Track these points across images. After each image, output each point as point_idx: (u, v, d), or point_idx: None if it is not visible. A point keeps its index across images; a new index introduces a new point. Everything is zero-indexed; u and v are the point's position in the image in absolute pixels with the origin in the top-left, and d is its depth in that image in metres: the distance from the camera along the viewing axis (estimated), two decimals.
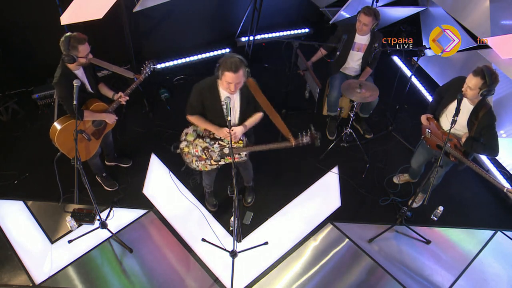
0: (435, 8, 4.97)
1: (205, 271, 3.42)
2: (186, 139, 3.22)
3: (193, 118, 3.11)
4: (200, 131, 3.19)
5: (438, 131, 3.34)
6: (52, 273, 3.33)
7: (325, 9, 5.55)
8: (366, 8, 3.95)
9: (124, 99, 3.44)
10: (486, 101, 3.08)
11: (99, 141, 3.56)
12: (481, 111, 3.05)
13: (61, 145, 3.32)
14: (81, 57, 3.08)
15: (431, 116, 3.39)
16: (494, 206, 4.11)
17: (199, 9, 5.19)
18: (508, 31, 3.76)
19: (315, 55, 4.42)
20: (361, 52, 4.18)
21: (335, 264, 3.54)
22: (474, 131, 3.11)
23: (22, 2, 4.18)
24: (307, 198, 4.01)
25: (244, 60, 2.79)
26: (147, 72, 3.53)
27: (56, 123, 3.31)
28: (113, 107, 3.44)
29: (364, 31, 4.01)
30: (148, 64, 3.52)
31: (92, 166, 3.80)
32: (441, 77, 5.01)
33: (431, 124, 3.38)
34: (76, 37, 3.03)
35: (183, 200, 3.91)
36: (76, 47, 3.03)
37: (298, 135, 3.05)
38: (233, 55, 2.79)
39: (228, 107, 2.66)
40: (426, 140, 3.53)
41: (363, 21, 3.93)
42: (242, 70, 2.75)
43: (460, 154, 3.22)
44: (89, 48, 3.11)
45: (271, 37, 5.80)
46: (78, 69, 3.21)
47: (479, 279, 3.54)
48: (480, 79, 2.90)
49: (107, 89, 3.52)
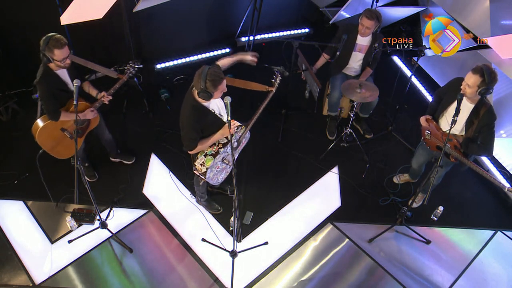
0: (435, 8, 4.97)
1: (205, 271, 3.42)
2: (207, 167, 3.07)
3: (197, 148, 2.97)
4: (210, 152, 3.08)
5: (437, 132, 3.34)
6: (52, 273, 3.34)
7: (325, 9, 5.55)
8: (368, 11, 3.92)
9: (107, 98, 3.42)
10: (486, 100, 3.09)
11: (82, 138, 3.56)
12: (482, 109, 3.06)
13: (42, 142, 3.33)
14: (56, 61, 3.03)
15: (430, 117, 3.39)
16: (494, 206, 4.11)
17: (199, 9, 5.19)
18: (508, 31, 3.76)
19: (319, 61, 4.35)
20: (362, 53, 4.18)
21: (335, 264, 3.54)
22: (473, 130, 3.11)
23: (22, 2, 4.17)
24: (307, 198, 4.01)
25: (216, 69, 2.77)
26: (131, 72, 3.52)
27: (39, 120, 3.31)
28: (96, 106, 3.42)
29: (367, 34, 4.01)
30: (132, 64, 3.52)
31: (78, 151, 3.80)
32: (441, 77, 5.01)
33: (430, 125, 3.38)
34: (56, 39, 2.98)
35: (183, 200, 3.91)
36: (52, 50, 2.98)
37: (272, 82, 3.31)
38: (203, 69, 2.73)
39: (228, 107, 2.65)
40: (426, 141, 3.53)
41: (366, 25, 3.92)
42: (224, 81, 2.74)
43: (460, 155, 3.22)
44: (67, 53, 3.04)
45: (271, 37, 5.80)
46: (59, 69, 3.18)
47: (479, 279, 3.54)
48: (479, 77, 2.91)
49: (92, 88, 3.51)
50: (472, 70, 2.96)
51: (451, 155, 3.30)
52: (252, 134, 3.38)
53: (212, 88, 2.69)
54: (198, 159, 3.09)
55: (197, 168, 3.12)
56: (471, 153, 3.22)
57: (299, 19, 6.05)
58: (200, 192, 3.68)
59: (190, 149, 2.98)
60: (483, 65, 2.93)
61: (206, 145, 2.99)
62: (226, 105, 2.64)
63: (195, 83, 2.73)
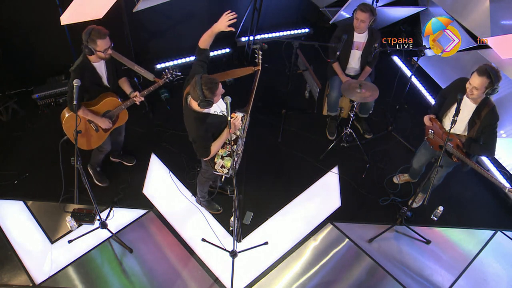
0: (435, 8, 4.97)
1: (205, 271, 3.42)
2: (228, 167, 3.11)
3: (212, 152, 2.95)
4: (225, 153, 3.11)
5: (440, 132, 3.34)
6: (52, 273, 3.34)
7: (325, 9, 5.55)
8: (362, 5, 3.96)
9: (139, 99, 3.45)
10: (490, 100, 3.08)
11: (106, 134, 3.57)
12: (484, 110, 3.05)
13: (67, 130, 3.37)
14: (99, 51, 3.09)
15: (434, 116, 3.39)
16: (494, 206, 4.11)
17: (199, 9, 5.18)
18: (508, 31, 3.76)
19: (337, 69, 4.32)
20: (359, 51, 4.19)
21: (335, 264, 3.54)
22: (475, 130, 3.11)
23: (22, 2, 4.18)
24: (307, 198, 4.01)
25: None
26: (168, 78, 3.52)
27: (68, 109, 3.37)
28: (126, 104, 3.45)
29: (362, 28, 4.02)
30: (171, 71, 3.52)
31: (93, 157, 3.82)
32: (441, 77, 5.01)
33: (434, 125, 3.38)
34: (98, 30, 3.04)
35: (183, 200, 3.91)
36: (95, 40, 3.04)
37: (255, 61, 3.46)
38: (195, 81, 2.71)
39: (228, 107, 2.66)
40: (429, 141, 3.53)
41: (360, 18, 3.94)
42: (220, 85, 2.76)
43: (463, 155, 3.22)
44: (109, 43, 3.11)
45: (271, 37, 5.80)
46: (99, 61, 3.23)
47: (479, 279, 3.54)
48: (486, 78, 2.89)
49: (128, 85, 3.54)
50: (477, 72, 2.93)
51: (453, 155, 3.30)
52: (252, 134, 3.39)
53: (211, 95, 2.69)
54: (216, 163, 3.12)
55: (218, 171, 3.14)
56: (473, 153, 3.21)
57: (299, 19, 6.05)
58: (202, 192, 3.68)
59: (206, 156, 2.97)
60: (487, 66, 2.92)
61: (218, 146, 2.99)
62: (227, 104, 2.65)
63: (193, 95, 2.71)
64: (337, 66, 4.33)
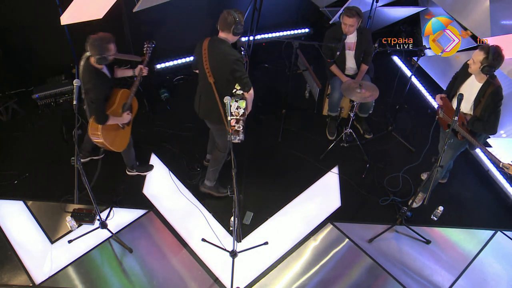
0: (435, 8, 4.97)
1: (205, 271, 3.42)
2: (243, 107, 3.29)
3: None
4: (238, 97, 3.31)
5: (450, 109, 3.41)
6: (52, 273, 3.33)
7: (325, 9, 5.55)
8: (347, 10, 3.96)
9: (145, 69, 3.50)
10: (495, 80, 3.14)
11: (130, 127, 3.63)
12: (489, 89, 3.13)
13: (105, 137, 3.36)
14: (111, 55, 3.11)
15: (445, 95, 3.48)
16: (494, 206, 4.11)
17: (199, 9, 5.19)
18: (508, 31, 3.76)
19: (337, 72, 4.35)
20: (352, 51, 4.22)
21: (335, 264, 3.54)
22: (480, 109, 3.17)
23: (22, 2, 4.18)
24: (307, 198, 4.01)
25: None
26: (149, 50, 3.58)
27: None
28: (136, 85, 3.47)
29: (351, 31, 4.05)
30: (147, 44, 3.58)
31: (127, 158, 3.84)
32: (441, 77, 5.00)
33: (444, 103, 3.46)
34: (104, 38, 3.04)
35: (183, 200, 3.91)
36: (107, 47, 3.05)
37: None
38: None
39: (228, 107, 2.66)
40: (439, 120, 3.58)
41: (349, 23, 3.97)
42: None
43: (467, 133, 3.27)
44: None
45: (271, 37, 5.80)
46: (103, 66, 3.26)
47: (479, 279, 3.54)
48: (483, 53, 3.00)
49: (123, 70, 3.59)
50: (480, 46, 3.06)
51: (459, 133, 3.34)
52: (252, 134, 3.38)
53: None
54: (232, 106, 3.28)
55: (234, 114, 3.31)
56: (477, 130, 3.27)
57: (299, 19, 6.05)
58: (217, 173, 3.75)
59: (250, 88, 3.19)
60: (493, 45, 3.01)
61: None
62: (226, 104, 2.66)
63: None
64: (335, 68, 4.34)
